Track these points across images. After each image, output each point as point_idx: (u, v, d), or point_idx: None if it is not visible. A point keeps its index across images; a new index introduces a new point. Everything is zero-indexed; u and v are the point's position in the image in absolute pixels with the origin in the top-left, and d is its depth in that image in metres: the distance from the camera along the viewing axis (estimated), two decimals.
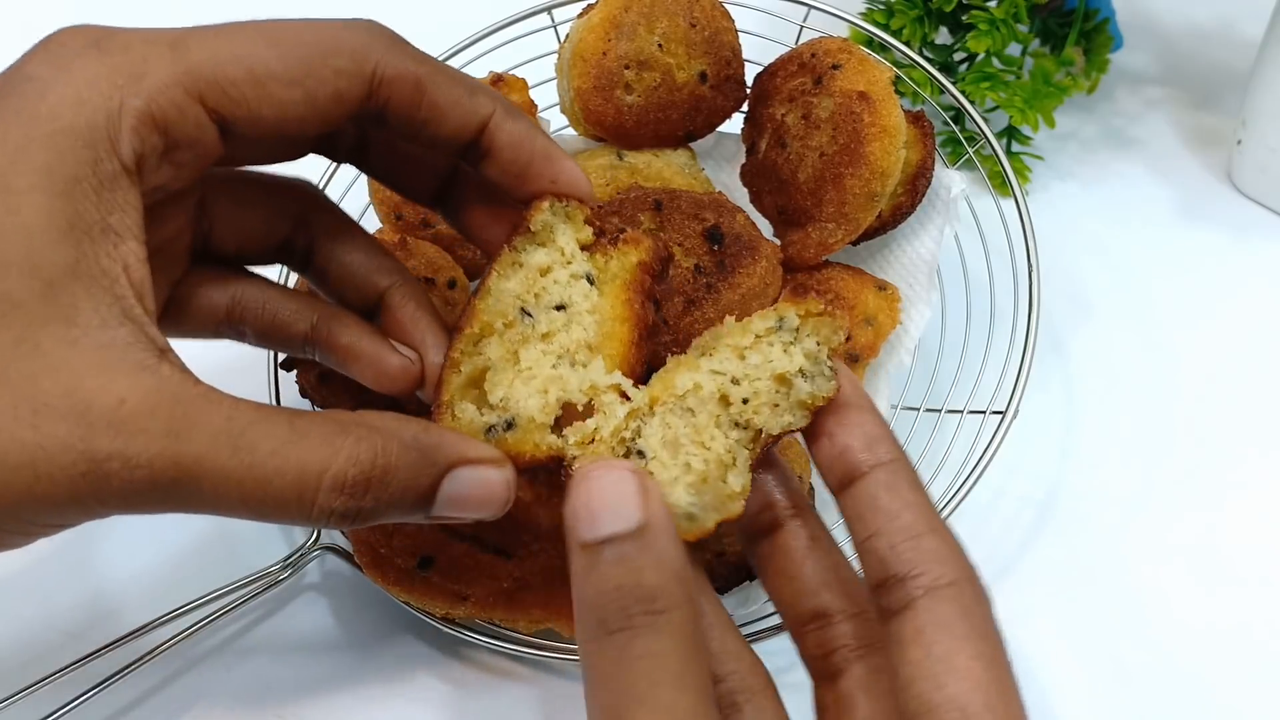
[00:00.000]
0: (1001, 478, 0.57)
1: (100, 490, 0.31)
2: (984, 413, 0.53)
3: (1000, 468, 0.56)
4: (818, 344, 0.35)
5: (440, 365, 0.38)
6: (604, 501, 0.32)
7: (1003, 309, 0.56)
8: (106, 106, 0.32)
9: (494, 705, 0.50)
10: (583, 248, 0.39)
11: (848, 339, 0.52)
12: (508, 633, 0.49)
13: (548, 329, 0.38)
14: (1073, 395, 0.60)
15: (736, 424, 0.35)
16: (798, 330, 0.36)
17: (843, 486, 0.34)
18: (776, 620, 0.48)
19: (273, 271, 0.43)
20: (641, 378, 0.37)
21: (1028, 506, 0.56)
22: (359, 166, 0.42)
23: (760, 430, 0.35)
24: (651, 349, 0.39)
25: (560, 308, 0.38)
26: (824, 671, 0.35)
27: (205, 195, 0.39)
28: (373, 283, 0.41)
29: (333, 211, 0.42)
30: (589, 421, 0.36)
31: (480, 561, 0.46)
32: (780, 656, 0.51)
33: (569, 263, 0.39)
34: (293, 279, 0.54)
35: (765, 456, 0.36)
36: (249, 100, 0.34)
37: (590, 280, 0.39)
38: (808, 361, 0.35)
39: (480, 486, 0.35)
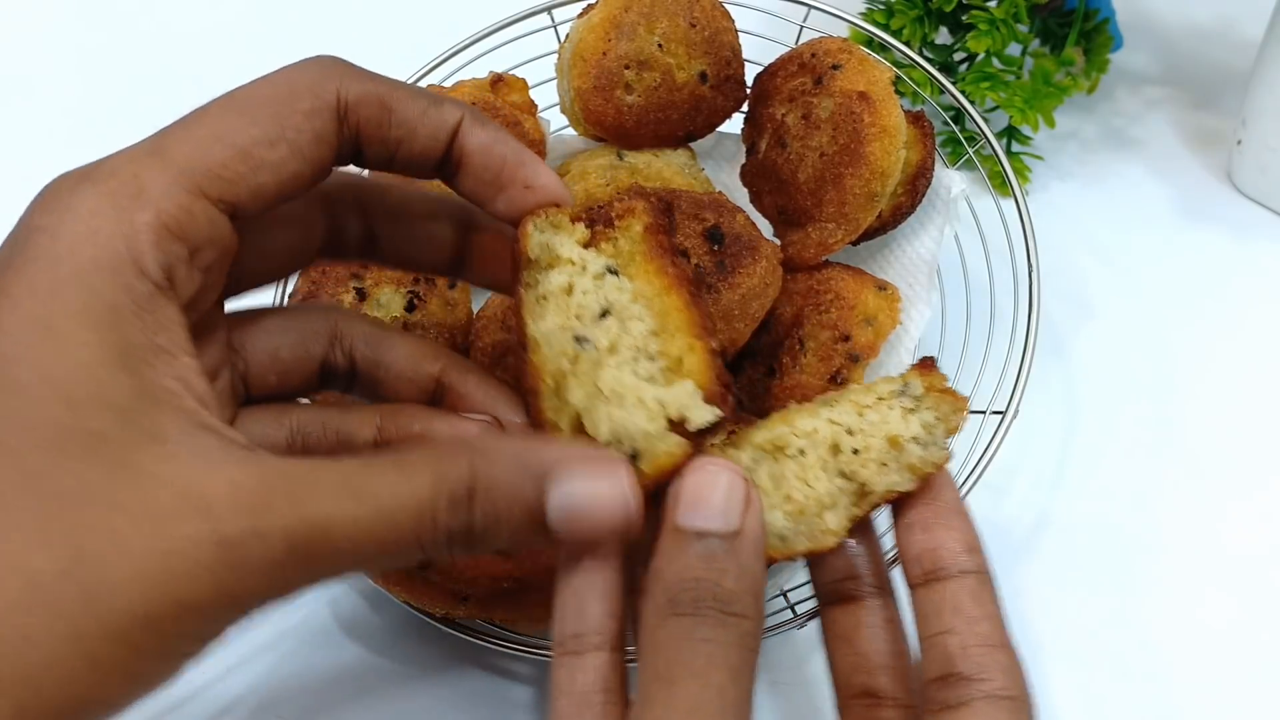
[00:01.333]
0: (1001, 478, 0.57)
1: (242, 573, 0.30)
2: (984, 413, 0.53)
3: (1000, 468, 0.56)
4: (936, 418, 0.36)
5: (520, 422, 0.38)
6: (711, 496, 0.33)
7: (1003, 309, 0.56)
8: (120, 231, 0.32)
9: (494, 705, 0.50)
10: (585, 246, 0.38)
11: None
12: (508, 633, 0.49)
13: (608, 341, 0.36)
14: (1073, 395, 0.60)
15: (842, 473, 0.36)
16: (920, 399, 0.37)
17: (925, 581, 0.36)
18: (776, 623, 0.48)
19: None
20: (713, 331, 0.36)
21: (1028, 506, 0.56)
22: (373, 260, 0.42)
23: (863, 485, 0.36)
24: (704, 308, 0.37)
25: (605, 314, 0.37)
26: None
27: (231, 335, 0.39)
28: (424, 372, 0.41)
29: (363, 320, 0.41)
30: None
31: (480, 561, 0.46)
32: (780, 657, 0.51)
33: (584, 269, 0.37)
34: None
35: (865, 522, 0.37)
36: (244, 176, 0.33)
37: (613, 271, 0.38)
38: (923, 431, 0.36)
39: (588, 489, 0.33)
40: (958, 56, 0.72)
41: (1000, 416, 0.52)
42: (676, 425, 0.35)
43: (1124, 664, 0.51)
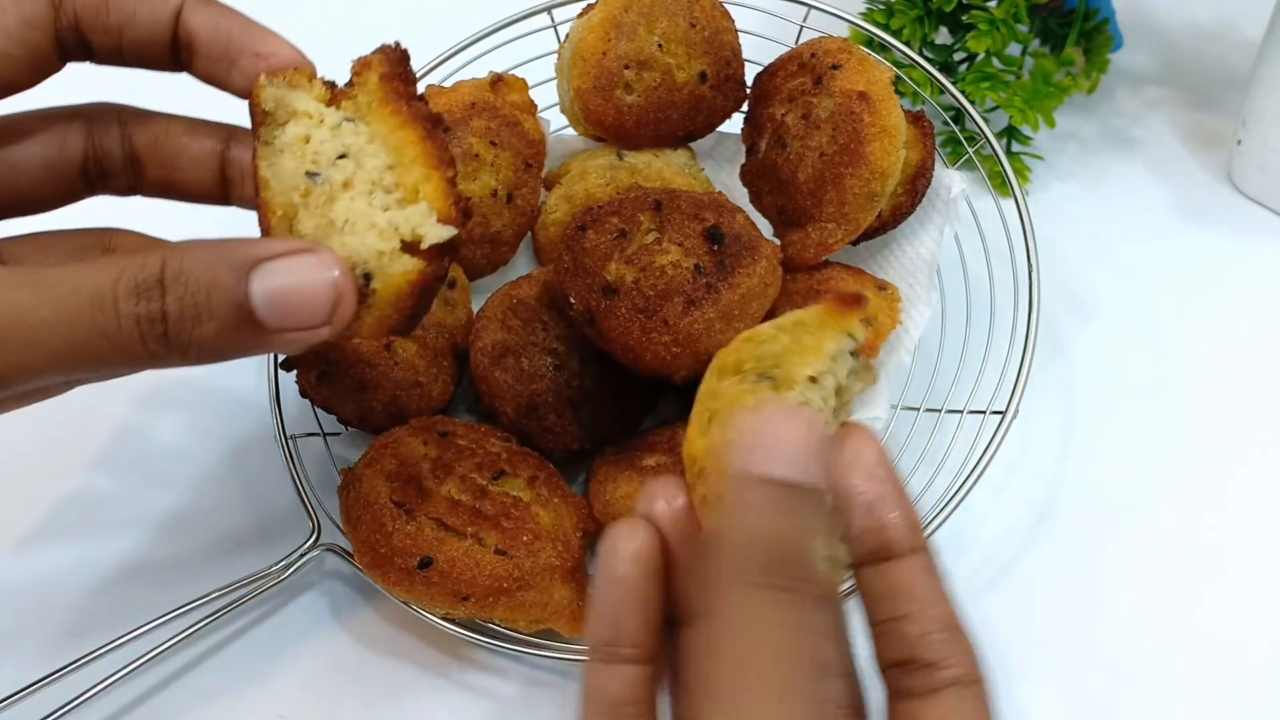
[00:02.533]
0: (1001, 478, 0.57)
1: None
2: (984, 413, 0.53)
3: (1000, 468, 0.56)
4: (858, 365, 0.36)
5: None
6: (785, 439, 0.29)
7: (1003, 309, 0.56)
8: None
9: (494, 705, 0.50)
10: (326, 104, 0.38)
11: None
12: (508, 633, 0.49)
13: (344, 178, 0.37)
14: (1073, 395, 0.60)
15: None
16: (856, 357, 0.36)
17: (873, 561, 0.33)
18: None
19: None
20: (451, 163, 0.37)
21: (1028, 506, 0.56)
22: (141, 191, 0.42)
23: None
24: (441, 141, 0.37)
25: (342, 156, 0.37)
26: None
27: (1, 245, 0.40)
28: (203, 146, 0.41)
29: (137, 234, 0.42)
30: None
31: (480, 561, 0.46)
32: None
33: (321, 121, 0.38)
34: None
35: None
36: None
37: (351, 121, 0.38)
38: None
39: (295, 274, 0.33)
40: (958, 56, 0.72)
41: (1000, 416, 0.52)
42: (413, 247, 0.35)
43: (1123, 663, 0.51)
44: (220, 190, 0.42)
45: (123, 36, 0.38)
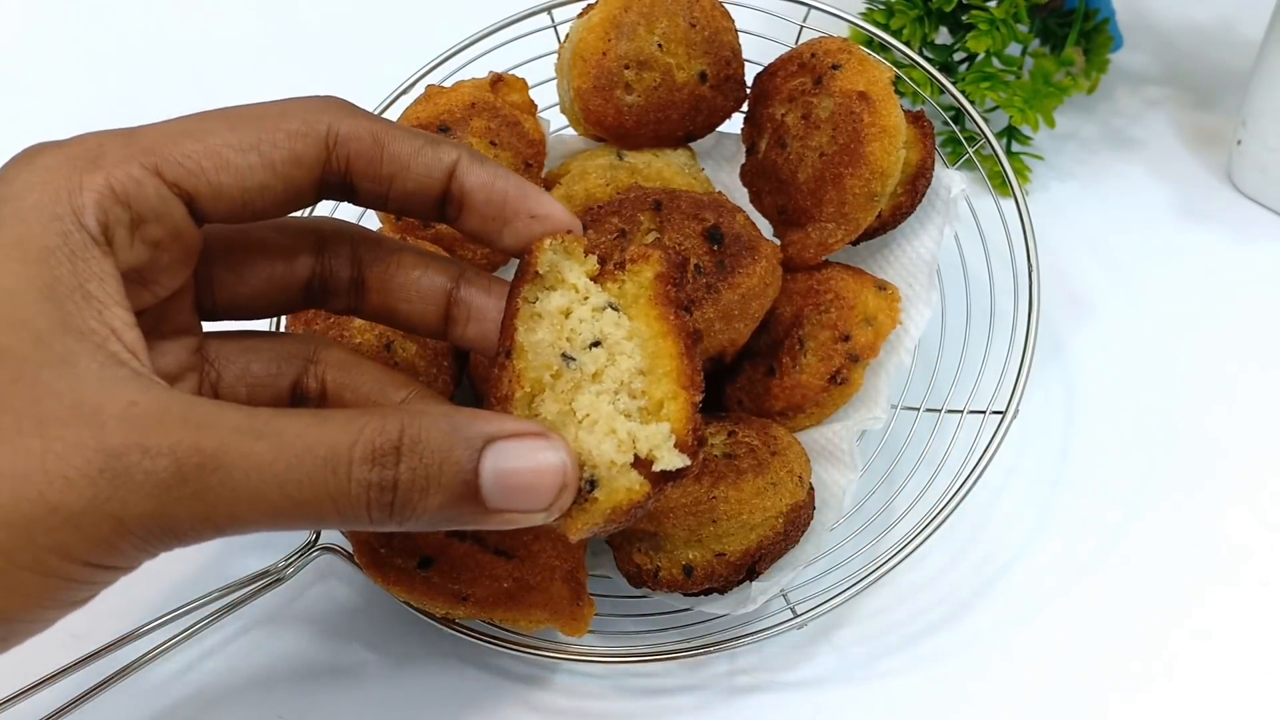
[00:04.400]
0: (1001, 478, 0.57)
1: (124, 489, 0.29)
2: (984, 413, 0.53)
3: (1000, 468, 0.56)
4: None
5: None
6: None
7: (1003, 309, 0.56)
8: (68, 185, 0.32)
9: (494, 705, 0.50)
10: (591, 279, 0.38)
11: (848, 338, 0.52)
12: (508, 633, 0.49)
13: (594, 368, 0.36)
14: (1073, 395, 0.60)
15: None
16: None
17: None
18: (776, 623, 0.49)
19: None
20: (700, 389, 0.36)
21: (1028, 506, 0.56)
22: (359, 314, 0.42)
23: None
24: (697, 363, 0.37)
25: (596, 344, 0.37)
26: None
27: (207, 345, 0.39)
28: (390, 399, 0.41)
29: (339, 347, 0.42)
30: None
31: (480, 561, 0.46)
32: (780, 658, 0.51)
33: (586, 298, 0.37)
34: None
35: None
36: (206, 170, 0.34)
37: (614, 308, 0.37)
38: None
39: (530, 459, 0.33)
40: (958, 56, 0.72)
41: (1000, 416, 0.52)
42: (641, 464, 0.34)
43: (1123, 663, 0.51)
44: (441, 327, 0.41)
45: (392, 186, 0.37)
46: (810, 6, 0.62)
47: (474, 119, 0.57)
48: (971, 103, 0.63)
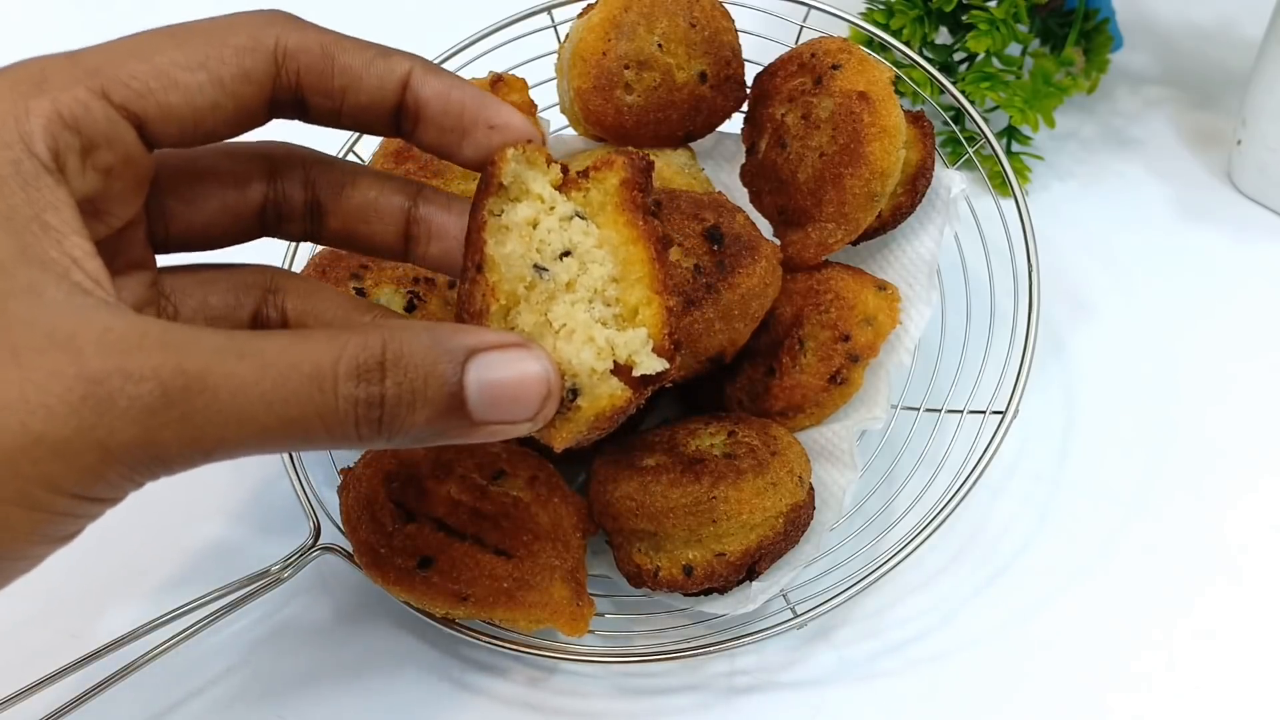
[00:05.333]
0: (1001, 478, 0.57)
1: (107, 414, 0.29)
2: (984, 413, 0.53)
3: (1000, 468, 0.56)
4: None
5: None
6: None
7: (1003, 309, 0.56)
8: (14, 111, 0.32)
9: (494, 705, 0.50)
10: (557, 189, 0.38)
11: (848, 338, 0.52)
12: (508, 633, 0.49)
13: (567, 278, 0.36)
14: (1073, 395, 0.60)
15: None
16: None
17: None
18: (776, 623, 0.48)
19: None
20: (673, 291, 0.37)
21: (1028, 506, 0.56)
22: (317, 239, 0.41)
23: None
24: (669, 265, 0.37)
25: (566, 254, 0.37)
26: None
27: (163, 280, 0.38)
28: (355, 322, 0.40)
29: (296, 277, 0.41)
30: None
31: (480, 561, 0.46)
32: (780, 658, 0.51)
33: (552, 208, 0.37)
34: None
35: None
36: (154, 91, 0.33)
37: (582, 217, 0.37)
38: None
39: (513, 369, 0.33)
40: (958, 56, 0.72)
41: (1000, 416, 0.52)
42: (621, 370, 0.35)
43: (1123, 663, 0.51)
44: (402, 246, 0.41)
45: (344, 100, 0.36)
46: (810, 6, 0.62)
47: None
48: (971, 103, 0.63)
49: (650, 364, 0.35)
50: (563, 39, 0.59)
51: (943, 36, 0.72)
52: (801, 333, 0.52)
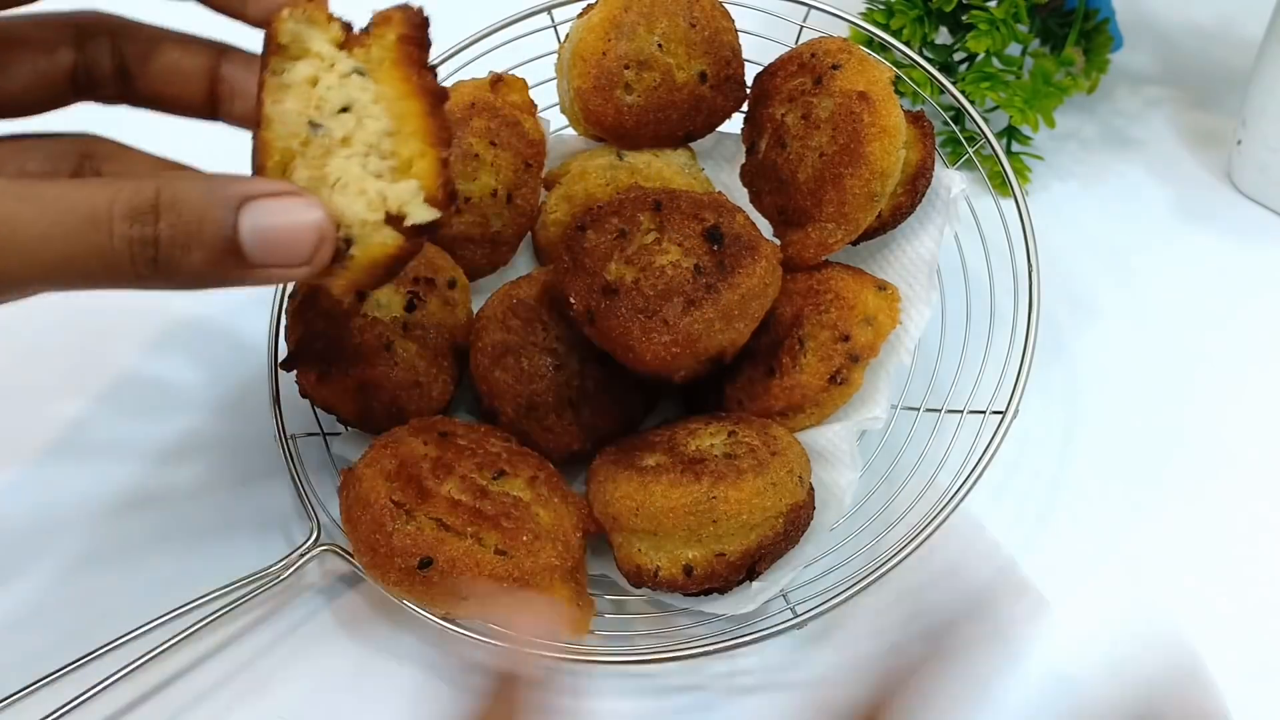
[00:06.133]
0: (1001, 478, 0.57)
1: None
2: (984, 413, 0.53)
3: (1000, 468, 0.56)
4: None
5: None
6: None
7: (1003, 309, 0.56)
8: None
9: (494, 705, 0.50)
10: (339, 47, 0.38)
11: (847, 339, 0.52)
12: (508, 633, 0.49)
13: (343, 133, 0.37)
14: (1073, 395, 0.60)
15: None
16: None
17: None
18: (776, 623, 0.48)
19: None
20: (448, 143, 0.38)
21: (1028, 506, 0.56)
22: (128, 101, 0.42)
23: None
24: (443, 119, 0.38)
25: (345, 109, 0.38)
26: None
27: None
28: (200, 64, 0.42)
29: (110, 141, 0.43)
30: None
31: (480, 561, 0.46)
32: (780, 658, 0.51)
33: (332, 65, 0.38)
34: None
35: None
36: None
37: (361, 73, 0.38)
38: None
39: (286, 216, 0.35)
40: (958, 56, 0.72)
41: (1000, 416, 0.52)
42: (395, 220, 0.37)
43: (1124, 663, 0.51)
44: (208, 106, 0.42)
45: None
46: (810, 6, 0.62)
47: (474, 119, 0.57)
48: (971, 103, 0.63)
49: (421, 213, 0.37)
50: (563, 39, 0.59)
51: (943, 36, 0.72)
52: (801, 333, 0.52)
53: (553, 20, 0.64)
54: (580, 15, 0.57)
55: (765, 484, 0.47)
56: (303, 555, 0.51)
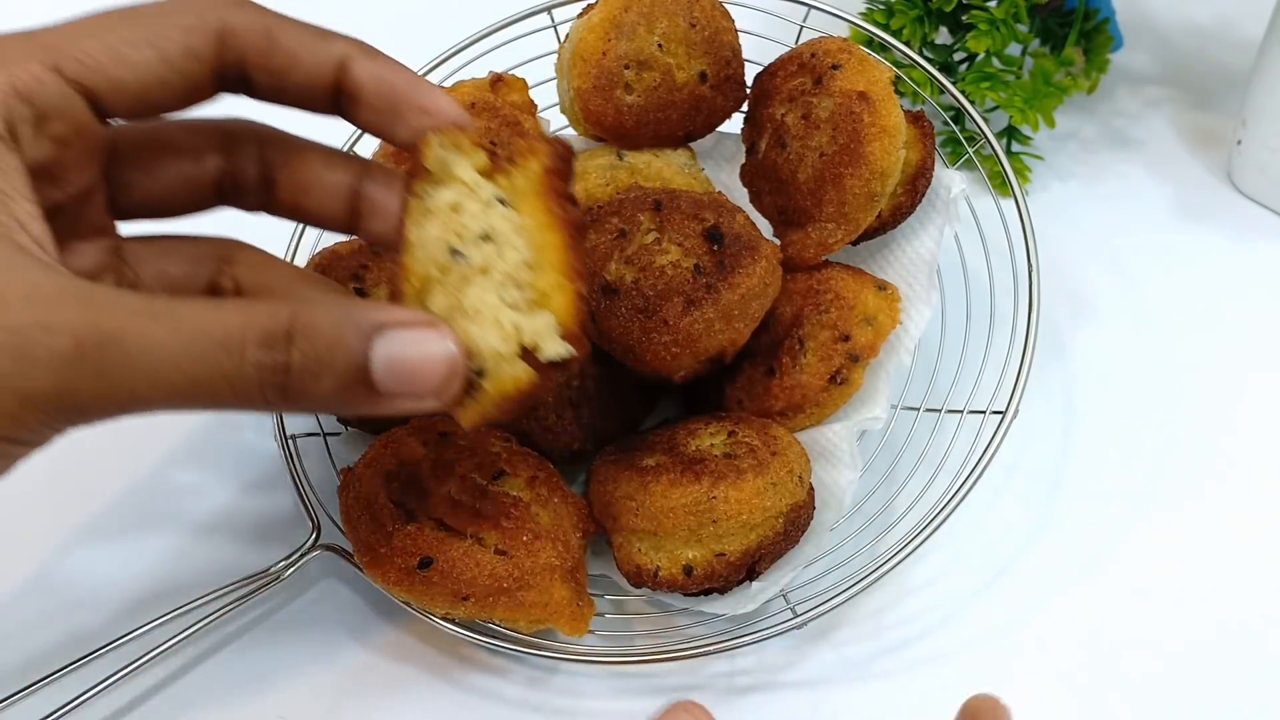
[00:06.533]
0: (1001, 478, 0.57)
1: (24, 363, 0.31)
2: (984, 413, 0.53)
3: (1000, 468, 0.56)
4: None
5: None
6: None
7: (1003, 309, 0.56)
8: None
9: (494, 705, 0.50)
10: (483, 175, 0.38)
11: (847, 340, 0.52)
12: (508, 633, 0.49)
13: (482, 262, 0.37)
14: (1073, 395, 0.60)
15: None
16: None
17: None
18: (776, 623, 0.48)
19: None
20: (585, 278, 0.38)
21: (1028, 506, 0.56)
22: (270, 211, 0.43)
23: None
24: (583, 254, 0.38)
25: (486, 238, 0.37)
26: None
27: (124, 249, 0.40)
28: (300, 295, 0.42)
29: (250, 249, 0.43)
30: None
31: (480, 561, 0.46)
32: (780, 658, 0.51)
33: (475, 192, 0.38)
34: None
35: None
36: (105, 66, 0.35)
37: (503, 202, 0.38)
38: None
39: (418, 347, 0.34)
40: (958, 56, 0.72)
41: (1000, 416, 0.52)
42: (528, 354, 0.36)
43: (1123, 664, 0.51)
44: (348, 222, 0.43)
45: (285, 79, 0.38)
46: (810, 6, 0.62)
47: (474, 119, 0.57)
48: (971, 103, 0.63)
49: (555, 349, 0.36)
50: (563, 39, 0.59)
51: (943, 36, 0.72)
52: (801, 333, 0.52)
53: (553, 20, 0.64)
54: (580, 15, 0.57)
55: (765, 484, 0.47)
56: (303, 555, 0.51)
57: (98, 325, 0.31)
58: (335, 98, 0.39)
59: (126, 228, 0.41)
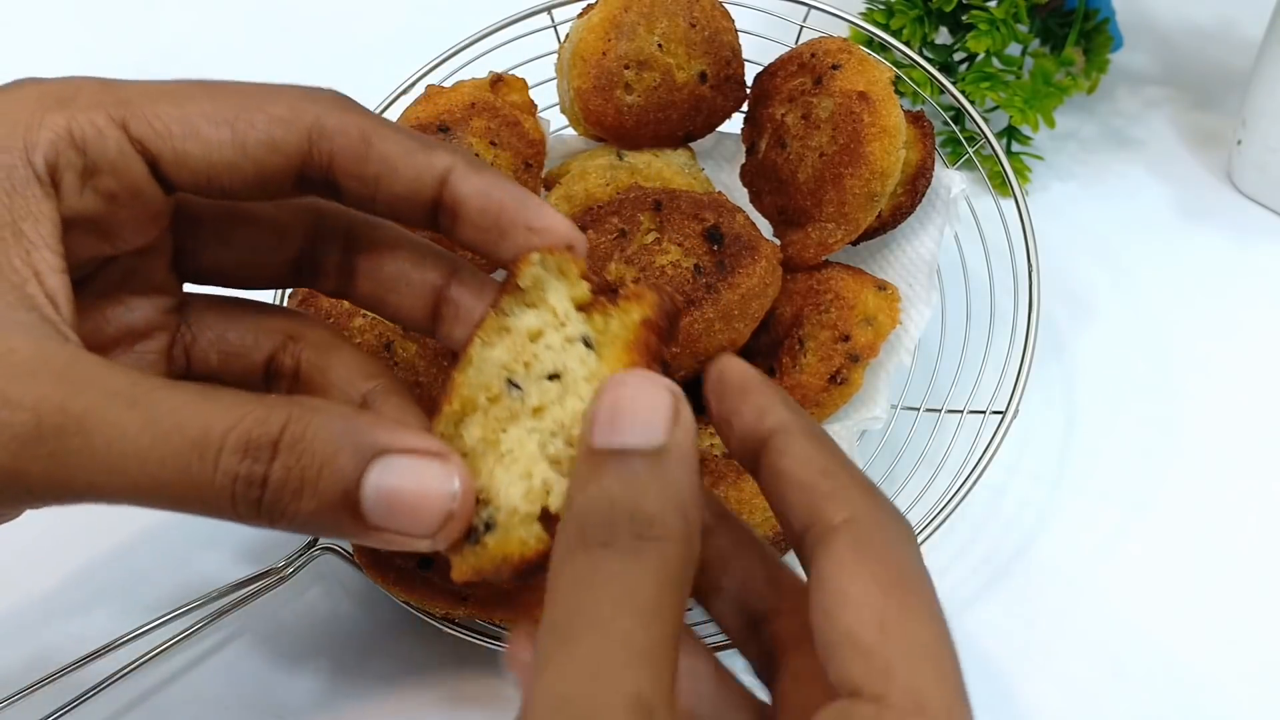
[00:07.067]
0: (1001, 478, 0.57)
1: None
2: (984, 413, 0.53)
3: (1000, 468, 0.56)
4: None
5: None
6: (634, 410, 0.29)
7: (1003, 309, 0.56)
8: (28, 120, 0.32)
9: (493, 705, 0.50)
10: (579, 308, 0.34)
11: (846, 338, 0.52)
12: (508, 633, 0.49)
13: (539, 402, 0.32)
14: (1073, 395, 0.60)
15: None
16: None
17: (753, 461, 0.32)
18: None
19: None
20: None
21: (1028, 506, 0.56)
22: (347, 298, 0.40)
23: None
24: None
25: (554, 377, 0.33)
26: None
27: (189, 308, 0.39)
28: (357, 389, 0.39)
29: (319, 326, 0.40)
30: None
31: None
32: None
33: (563, 324, 0.33)
34: None
35: None
36: (173, 134, 0.33)
37: (588, 344, 0.33)
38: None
39: (417, 480, 0.30)
40: (958, 56, 0.72)
41: (1000, 416, 0.52)
42: (547, 516, 0.31)
43: (1122, 664, 0.51)
44: (428, 322, 0.38)
45: (378, 189, 0.35)
46: (810, 6, 0.62)
47: (474, 119, 0.57)
48: (971, 103, 0.63)
49: None
50: (563, 39, 0.59)
51: (943, 36, 0.72)
52: (801, 333, 0.52)
53: (553, 20, 0.64)
54: (580, 15, 0.57)
55: None
56: (303, 555, 0.51)
57: (64, 406, 0.29)
58: (433, 212, 0.35)
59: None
